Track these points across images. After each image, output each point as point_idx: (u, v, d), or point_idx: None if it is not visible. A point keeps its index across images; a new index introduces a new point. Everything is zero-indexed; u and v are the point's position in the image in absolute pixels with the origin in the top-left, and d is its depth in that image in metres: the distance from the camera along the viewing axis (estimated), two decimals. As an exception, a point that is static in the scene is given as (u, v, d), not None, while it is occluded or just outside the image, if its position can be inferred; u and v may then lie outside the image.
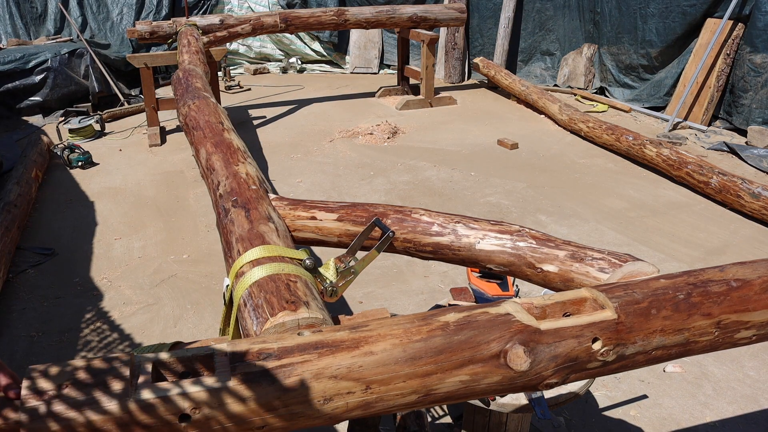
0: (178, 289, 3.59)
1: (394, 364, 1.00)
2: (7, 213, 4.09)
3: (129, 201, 4.78)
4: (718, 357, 2.97)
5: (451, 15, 7.23)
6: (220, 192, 2.03)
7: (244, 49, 9.21)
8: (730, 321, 1.19)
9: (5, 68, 6.63)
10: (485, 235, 1.73)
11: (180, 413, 0.90)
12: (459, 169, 5.33)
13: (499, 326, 1.06)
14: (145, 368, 0.95)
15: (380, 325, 1.05)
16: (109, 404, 0.88)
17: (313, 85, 8.47)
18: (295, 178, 5.19)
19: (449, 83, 8.63)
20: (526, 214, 4.48)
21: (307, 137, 6.25)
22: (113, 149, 5.96)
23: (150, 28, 6.14)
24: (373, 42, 9.09)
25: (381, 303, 3.43)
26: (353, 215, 1.89)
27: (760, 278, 1.23)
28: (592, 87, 7.86)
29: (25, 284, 3.65)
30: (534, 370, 1.07)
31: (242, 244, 1.62)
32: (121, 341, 3.14)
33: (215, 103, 3.10)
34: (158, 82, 8.03)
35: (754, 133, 5.80)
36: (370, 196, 4.83)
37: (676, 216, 4.50)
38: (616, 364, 1.14)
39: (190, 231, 4.29)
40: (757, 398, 2.72)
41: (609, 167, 5.44)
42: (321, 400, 0.97)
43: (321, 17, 6.78)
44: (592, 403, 2.69)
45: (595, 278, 1.53)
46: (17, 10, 7.93)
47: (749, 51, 5.99)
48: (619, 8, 7.24)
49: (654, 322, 1.14)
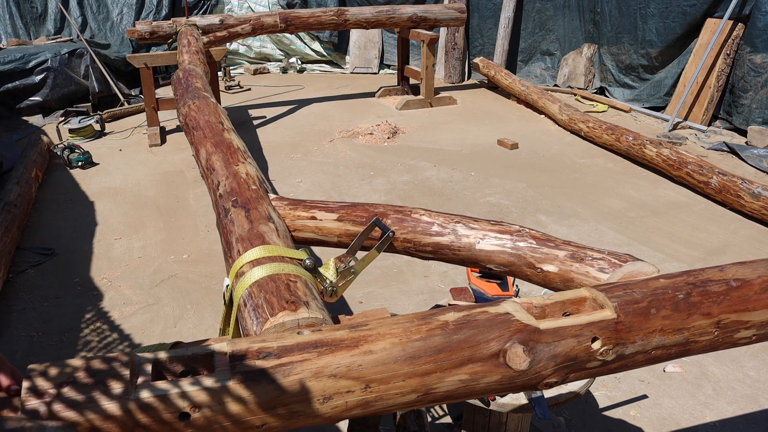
0: (178, 289, 3.59)
1: (393, 363, 1.00)
2: (7, 213, 4.10)
3: (129, 201, 4.78)
4: (718, 357, 2.97)
5: (451, 15, 7.24)
6: (220, 192, 2.03)
7: (244, 49, 9.21)
8: (730, 321, 1.19)
9: (5, 68, 6.63)
10: (485, 235, 1.73)
11: (180, 412, 0.90)
12: (459, 169, 5.33)
13: (499, 325, 1.06)
14: (144, 367, 0.95)
15: (380, 324, 1.05)
16: (108, 404, 0.88)
17: (313, 85, 8.47)
18: (295, 178, 5.19)
19: (449, 83, 8.63)
20: (526, 214, 4.48)
21: (307, 137, 6.25)
22: (113, 149, 5.96)
23: (150, 28, 6.15)
24: (373, 42, 9.09)
25: (381, 303, 3.44)
26: (353, 215, 1.89)
27: (759, 278, 1.23)
28: (592, 87, 7.86)
29: (25, 284, 3.65)
30: (533, 370, 1.07)
31: (242, 244, 1.62)
32: (121, 341, 3.14)
33: (215, 103, 3.10)
34: (158, 82, 8.04)
35: (754, 133, 5.80)
36: (370, 196, 4.83)
37: (676, 216, 4.50)
38: (616, 364, 1.14)
39: (190, 231, 4.30)
40: (757, 398, 2.72)
41: (609, 167, 5.44)
42: (320, 398, 0.97)
43: (321, 17, 6.78)
44: (592, 403, 2.69)
45: (595, 278, 1.53)
46: (17, 10, 7.94)
47: (749, 51, 5.99)
48: (619, 8, 7.24)
49: (653, 321, 1.14)
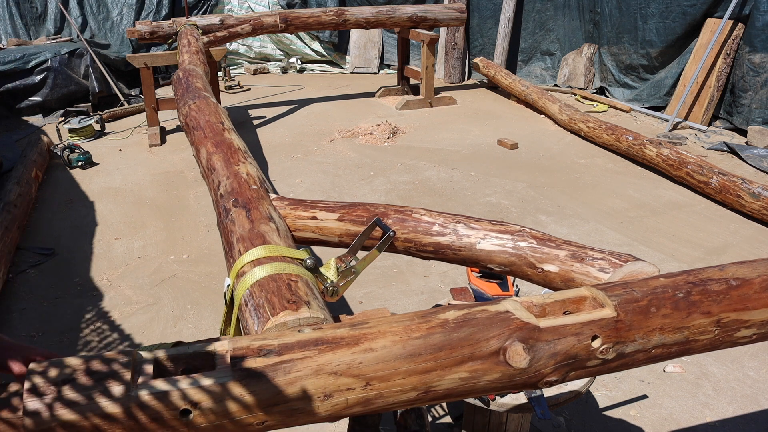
0: (178, 289, 3.59)
1: (393, 361, 1.00)
2: (7, 213, 4.10)
3: (129, 201, 4.78)
4: (718, 357, 2.97)
5: (451, 15, 7.24)
6: (220, 192, 2.03)
7: (244, 49, 9.22)
8: (730, 319, 1.19)
9: (5, 68, 6.63)
10: (486, 235, 1.73)
11: (181, 410, 0.90)
12: (459, 169, 5.34)
13: (499, 323, 1.06)
14: (145, 366, 0.95)
15: (380, 323, 1.05)
16: (110, 402, 0.88)
17: (313, 85, 8.47)
18: (295, 178, 5.19)
19: (449, 83, 8.63)
20: (526, 214, 4.48)
21: (307, 137, 6.25)
22: (113, 149, 5.96)
23: (150, 28, 6.15)
24: (373, 42, 9.09)
25: (381, 303, 3.44)
26: (354, 215, 1.89)
27: (759, 277, 1.23)
28: (592, 87, 7.86)
29: (25, 284, 3.65)
30: (533, 368, 1.07)
31: (243, 243, 1.62)
32: (121, 341, 3.14)
33: (215, 103, 3.11)
34: (158, 82, 8.04)
35: (754, 133, 5.81)
36: (370, 196, 4.83)
37: (676, 216, 4.50)
38: (616, 362, 1.14)
39: (190, 231, 4.30)
40: (757, 398, 2.72)
41: (609, 167, 5.44)
42: (321, 396, 0.97)
43: (321, 17, 6.78)
44: (592, 403, 2.69)
45: (596, 278, 1.53)
46: (17, 10, 7.94)
47: (748, 51, 5.99)
48: (619, 8, 7.24)
49: (653, 320, 1.14)
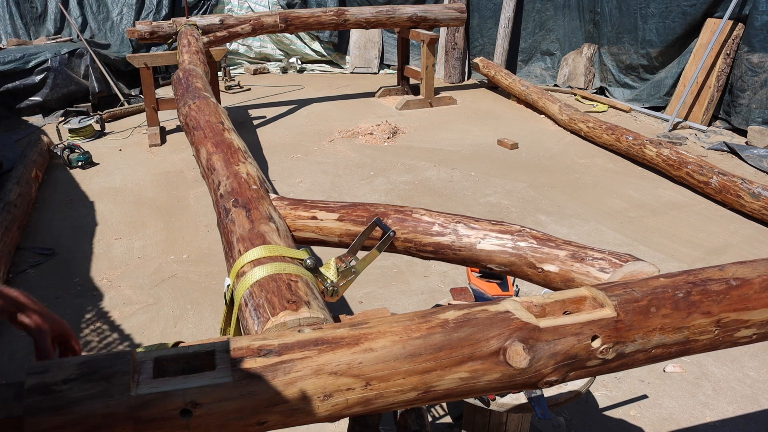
0: (178, 289, 3.59)
1: (393, 361, 1.00)
2: (7, 213, 4.10)
3: (129, 201, 4.78)
4: (718, 357, 2.97)
5: (451, 15, 7.24)
6: (220, 192, 2.03)
7: (244, 49, 9.22)
8: (730, 319, 1.20)
9: (5, 68, 6.63)
10: (486, 235, 1.73)
11: (181, 409, 0.90)
12: (459, 169, 5.34)
13: (499, 323, 1.07)
14: (146, 365, 0.95)
15: (380, 322, 1.05)
16: (110, 402, 0.88)
17: (313, 85, 8.47)
18: (295, 178, 5.19)
19: (449, 83, 8.63)
20: (526, 214, 4.48)
21: (307, 137, 6.25)
22: (113, 149, 5.96)
23: (150, 28, 6.15)
24: (373, 42, 9.09)
25: (381, 303, 3.44)
26: (354, 215, 1.89)
27: (759, 277, 1.23)
28: (592, 87, 7.86)
29: (25, 284, 3.65)
30: (533, 368, 1.07)
31: (243, 243, 1.62)
32: (121, 341, 3.14)
33: (215, 103, 3.11)
34: (158, 82, 8.04)
35: (754, 133, 5.81)
36: (370, 196, 4.83)
37: (676, 216, 4.50)
38: (616, 363, 1.14)
39: (190, 231, 4.30)
40: (757, 398, 2.72)
41: (609, 167, 5.44)
42: (321, 396, 0.97)
43: (321, 17, 6.78)
44: (592, 403, 2.69)
45: (596, 278, 1.53)
46: (17, 10, 7.94)
47: (747, 51, 5.99)
48: (619, 8, 7.24)
49: (653, 320, 1.14)
